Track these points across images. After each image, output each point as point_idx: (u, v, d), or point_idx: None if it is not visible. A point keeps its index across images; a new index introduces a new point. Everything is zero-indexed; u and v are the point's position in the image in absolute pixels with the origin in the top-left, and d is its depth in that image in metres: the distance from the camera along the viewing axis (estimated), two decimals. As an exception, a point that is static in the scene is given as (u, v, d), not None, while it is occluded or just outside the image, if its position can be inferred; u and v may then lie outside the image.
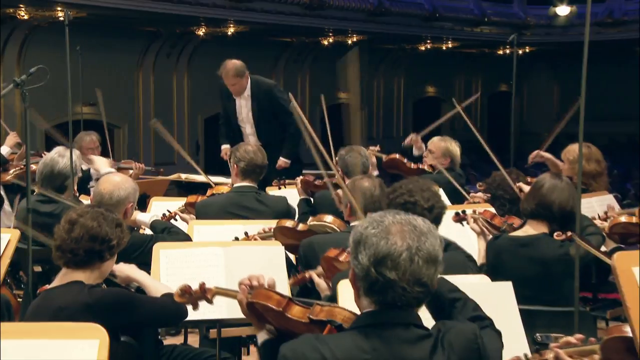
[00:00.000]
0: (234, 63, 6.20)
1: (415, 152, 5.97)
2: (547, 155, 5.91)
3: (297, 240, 3.60)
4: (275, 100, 6.25)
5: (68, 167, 4.44)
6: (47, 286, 2.83)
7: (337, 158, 5.20)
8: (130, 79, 12.27)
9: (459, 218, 3.92)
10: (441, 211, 3.17)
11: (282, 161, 6.19)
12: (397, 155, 5.99)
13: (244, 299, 2.25)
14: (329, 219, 3.69)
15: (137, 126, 12.39)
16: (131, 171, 6.57)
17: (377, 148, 5.95)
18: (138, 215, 3.97)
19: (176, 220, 4.52)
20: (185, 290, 2.48)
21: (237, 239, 3.68)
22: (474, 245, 3.85)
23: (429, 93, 18.36)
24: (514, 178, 4.63)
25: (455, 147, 5.76)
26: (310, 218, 3.79)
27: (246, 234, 3.71)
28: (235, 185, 4.47)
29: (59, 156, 4.51)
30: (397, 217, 2.00)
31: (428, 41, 16.04)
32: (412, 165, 5.91)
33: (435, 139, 5.87)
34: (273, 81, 6.72)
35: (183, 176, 6.05)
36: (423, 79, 17.73)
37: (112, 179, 3.75)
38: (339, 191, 3.77)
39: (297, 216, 4.59)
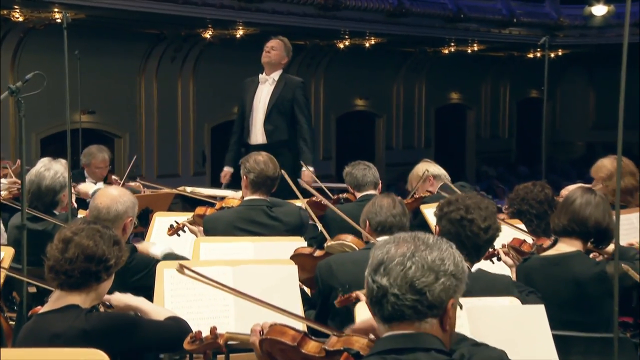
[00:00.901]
0: (288, 41, 6.37)
1: None
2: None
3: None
4: (298, 95, 6.30)
5: (56, 180, 4.42)
6: (40, 308, 2.81)
7: (344, 175, 5.21)
8: (132, 85, 12.35)
9: (490, 255, 3.83)
10: (496, 233, 3.19)
11: (308, 171, 6.08)
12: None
13: (257, 340, 2.26)
14: (348, 238, 3.70)
15: (138, 136, 12.46)
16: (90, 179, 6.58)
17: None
18: (151, 249, 3.96)
19: (184, 231, 4.53)
20: (196, 337, 2.49)
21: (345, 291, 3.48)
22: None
23: (452, 100, 18.34)
24: (539, 190, 4.57)
25: (425, 165, 5.70)
26: (328, 239, 3.79)
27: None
28: (245, 198, 4.47)
29: (45, 169, 4.48)
30: (408, 233, 2.03)
31: (452, 44, 16.04)
32: (410, 199, 5.76)
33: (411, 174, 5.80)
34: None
35: (188, 189, 6.06)
36: (446, 85, 17.72)
37: (109, 192, 3.75)
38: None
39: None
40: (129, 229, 3.72)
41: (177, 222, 4.52)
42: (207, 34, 12.43)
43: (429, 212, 4.65)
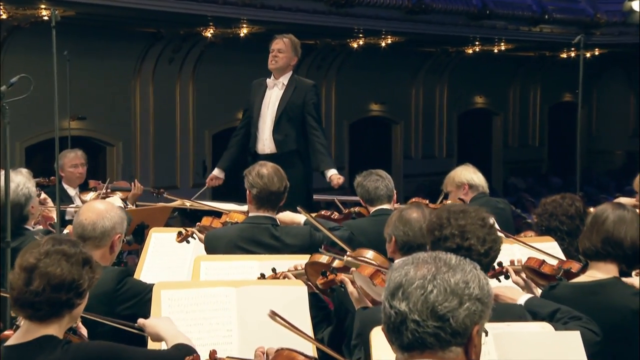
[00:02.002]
0: (295, 38, 6.35)
1: None
2: None
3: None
4: (309, 99, 6.28)
5: (20, 193, 4.38)
6: (10, 333, 2.75)
7: (355, 185, 5.19)
8: (126, 89, 12.41)
9: (496, 273, 3.71)
10: (497, 253, 3.17)
11: (336, 176, 6.13)
12: (415, 199, 5.96)
13: None
14: (369, 254, 3.69)
15: (133, 144, 12.50)
16: (127, 193, 6.59)
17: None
18: (296, 219, 4.06)
19: (194, 238, 4.56)
20: None
21: (263, 276, 3.67)
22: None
23: (477, 104, 18.33)
24: (568, 204, 4.50)
25: (465, 171, 5.71)
26: (348, 253, 3.79)
27: (274, 270, 3.70)
28: (250, 214, 4.48)
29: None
30: (428, 253, 2.02)
31: (477, 43, 16.04)
32: (433, 205, 5.84)
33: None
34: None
35: (188, 203, 6.07)
36: (470, 88, 17.71)
37: (95, 206, 3.73)
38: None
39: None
40: (117, 246, 3.71)
41: (185, 230, 4.57)
42: (208, 33, 12.48)
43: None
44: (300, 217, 4.58)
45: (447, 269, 1.96)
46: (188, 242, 4.64)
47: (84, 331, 2.99)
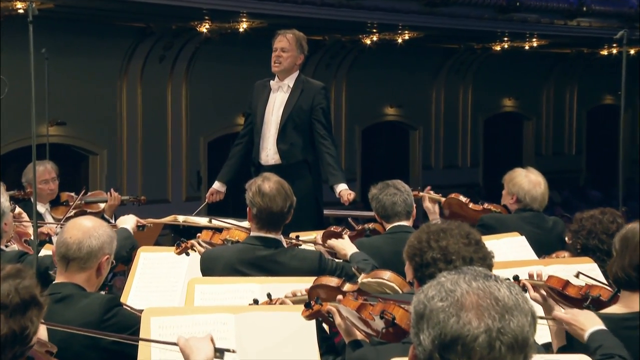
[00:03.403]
0: (300, 33, 6.32)
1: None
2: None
3: None
4: (318, 102, 6.27)
5: None
6: None
7: (370, 199, 5.18)
8: (111, 91, 12.45)
9: None
10: (490, 266, 3.14)
11: (347, 192, 6.13)
12: (454, 194, 5.98)
13: None
14: (386, 275, 3.68)
15: (119, 152, 12.54)
16: (102, 205, 6.62)
17: (438, 195, 5.94)
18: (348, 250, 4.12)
19: (194, 251, 4.57)
20: None
21: (256, 302, 3.67)
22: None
23: (506, 107, 18.33)
24: (609, 220, 4.46)
25: (522, 179, 5.68)
26: (362, 275, 3.78)
27: (269, 296, 3.70)
28: (251, 234, 4.48)
29: None
30: (473, 284, 1.98)
31: (505, 39, 16.05)
32: (475, 206, 5.89)
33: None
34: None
35: (181, 219, 6.07)
36: (498, 90, 17.72)
37: (81, 223, 3.72)
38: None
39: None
40: (105, 269, 3.71)
41: (184, 241, 4.58)
42: (204, 28, 12.52)
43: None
44: (350, 249, 4.63)
45: (510, 315, 1.94)
46: (187, 254, 4.65)
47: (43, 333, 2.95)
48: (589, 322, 3.29)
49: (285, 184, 4.42)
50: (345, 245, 4.70)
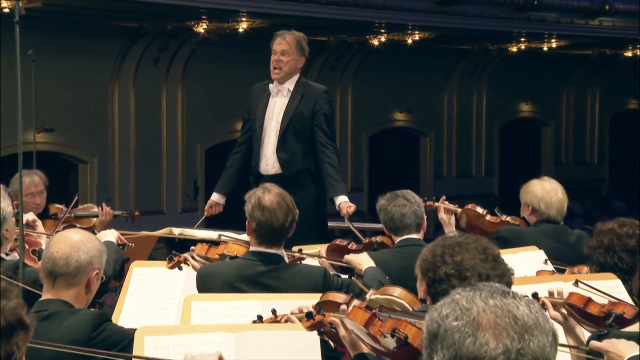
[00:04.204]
0: (301, 33, 6.28)
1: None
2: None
3: None
4: (320, 107, 6.25)
5: None
6: None
7: (378, 209, 5.19)
8: (103, 95, 12.47)
9: None
10: (509, 282, 3.14)
11: (346, 204, 6.12)
12: (471, 205, 5.98)
13: None
14: (396, 292, 3.68)
15: (111, 160, 12.55)
16: (93, 220, 6.62)
17: (454, 206, 5.95)
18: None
19: (187, 265, 4.57)
20: None
21: (260, 318, 3.68)
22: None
23: (523, 113, 18.33)
24: (628, 234, 4.44)
25: (535, 187, 5.69)
26: (371, 292, 3.78)
27: (274, 312, 3.70)
28: (250, 249, 4.48)
29: None
30: (490, 302, 1.98)
31: (522, 39, 16.07)
32: (492, 219, 5.90)
33: None
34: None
35: (176, 231, 6.08)
36: (514, 93, 17.72)
37: (69, 237, 3.73)
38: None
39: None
40: (95, 285, 3.72)
41: (176, 254, 4.57)
42: (201, 28, 12.55)
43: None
44: (367, 263, 4.64)
45: (530, 335, 1.94)
46: (180, 268, 4.65)
47: None
48: (627, 350, 3.29)
49: (287, 196, 4.40)
50: (362, 260, 4.70)
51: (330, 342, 3.63)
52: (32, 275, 4.33)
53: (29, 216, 5.34)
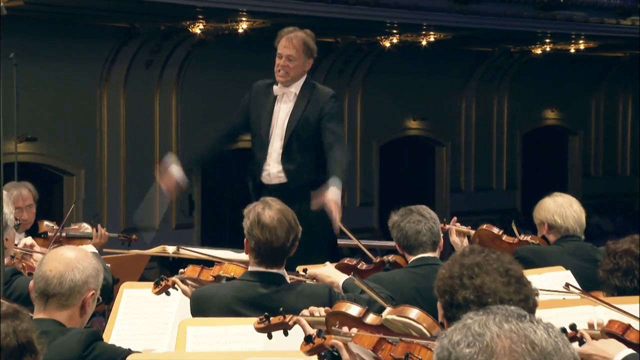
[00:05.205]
0: (307, 32, 6.24)
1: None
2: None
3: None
4: (327, 112, 6.23)
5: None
6: None
7: (390, 226, 5.19)
8: (90, 101, 12.50)
9: (571, 339, 3.70)
10: (532, 310, 3.14)
11: (333, 194, 5.91)
12: (485, 226, 5.98)
13: None
14: (413, 313, 3.68)
15: (99, 172, 12.56)
16: (88, 241, 6.63)
17: (467, 228, 5.95)
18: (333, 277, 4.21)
19: (176, 289, 4.56)
20: None
21: (267, 317, 3.66)
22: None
23: (548, 120, 18.33)
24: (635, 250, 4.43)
25: (548, 203, 5.71)
26: (389, 309, 3.78)
27: (282, 312, 3.71)
28: (249, 268, 4.48)
29: None
30: (505, 326, 1.99)
31: (547, 40, 16.08)
32: (509, 239, 5.90)
33: None
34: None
35: (170, 249, 6.09)
36: (539, 100, 17.73)
37: (63, 254, 3.75)
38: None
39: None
40: (91, 306, 3.73)
41: (164, 278, 4.56)
42: (197, 29, 12.57)
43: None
44: (340, 277, 4.58)
45: (545, 359, 1.94)
46: (168, 293, 4.64)
47: None
48: (613, 349, 3.32)
49: (289, 213, 4.40)
50: (330, 273, 4.67)
51: None
52: (24, 285, 4.35)
53: (27, 240, 5.36)
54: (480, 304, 3.07)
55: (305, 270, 4.95)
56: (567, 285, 4.47)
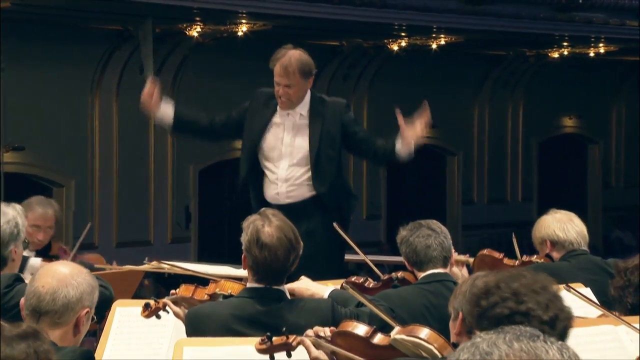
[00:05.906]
0: (300, 53, 6.25)
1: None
2: None
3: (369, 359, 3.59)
4: (348, 119, 6.31)
5: (7, 227, 4.54)
6: None
7: (399, 242, 5.19)
8: (81, 108, 12.50)
9: None
10: (567, 324, 3.15)
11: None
12: (486, 251, 5.99)
13: None
14: (423, 333, 3.68)
15: (90, 183, 12.56)
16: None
17: (465, 256, 5.96)
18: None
19: (167, 312, 4.56)
20: None
21: (269, 338, 3.68)
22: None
23: (566, 128, 18.32)
24: None
25: (548, 222, 5.73)
26: (398, 329, 3.78)
27: (285, 332, 3.72)
28: (248, 285, 4.49)
29: None
30: (515, 345, 2.00)
31: (564, 44, 16.08)
32: (510, 261, 5.89)
33: None
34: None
35: (165, 265, 6.10)
36: (556, 106, 17.72)
37: (57, 270, 3.75)
38: None
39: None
40: (85, 325, 3.73)
41: (155, 300, 4.56)
42: (194, 31, 12.59)
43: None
44: (322, 289, 4.58)
45: None
46: (158, 317, 4.64)
47: None
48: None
49: (290, 230, 4.39)
50: (309, 285, 4.68)
51: None
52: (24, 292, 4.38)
53: (36, 261, 5.39)
54: (517, 301, 3.07)
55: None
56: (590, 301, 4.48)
